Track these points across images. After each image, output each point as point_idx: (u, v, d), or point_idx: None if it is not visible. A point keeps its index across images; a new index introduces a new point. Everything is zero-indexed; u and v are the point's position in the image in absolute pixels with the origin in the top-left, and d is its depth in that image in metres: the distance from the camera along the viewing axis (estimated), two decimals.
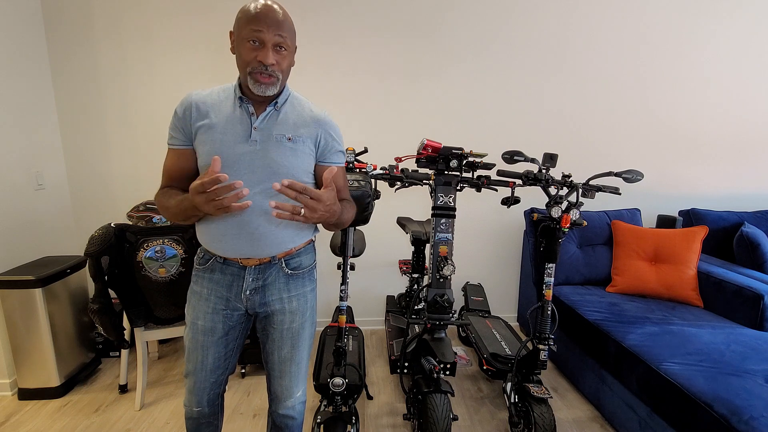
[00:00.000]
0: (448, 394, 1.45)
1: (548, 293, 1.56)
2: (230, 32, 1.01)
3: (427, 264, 2.25)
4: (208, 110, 1.01)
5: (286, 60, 0.99)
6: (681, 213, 2.59)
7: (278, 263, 1.10)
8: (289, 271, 1.12)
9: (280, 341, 1.14)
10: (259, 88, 0.97)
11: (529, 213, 2.37)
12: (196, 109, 1.01)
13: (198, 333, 1.11)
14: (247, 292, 1.09)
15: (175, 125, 1.03)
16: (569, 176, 1.54)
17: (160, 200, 1.04)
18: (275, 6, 0.95)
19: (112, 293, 1.77)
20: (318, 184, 1.12)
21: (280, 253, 1.09)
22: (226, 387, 1.25)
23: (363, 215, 1.36)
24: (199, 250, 1.15)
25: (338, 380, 1.46)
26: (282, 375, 1.16)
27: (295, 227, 1.10)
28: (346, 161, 1.51)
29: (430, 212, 1.54)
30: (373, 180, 1.52)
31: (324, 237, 2.53)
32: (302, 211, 0.88)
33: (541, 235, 1.58)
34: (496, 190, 1.60)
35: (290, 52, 1.00)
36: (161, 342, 2.43)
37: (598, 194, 1.57)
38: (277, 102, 1.03)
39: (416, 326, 2.12)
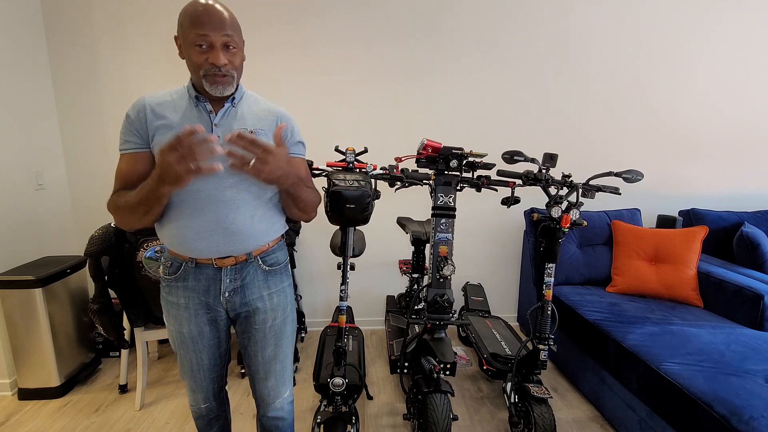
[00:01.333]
0: (448, 394, 1.45)
1: (548, 293, 1.56)
2: (175, 37, 0.99)
3: (427, 264, 2.25)
4: (164, 110, 0.99)
5: (238, 57, 0.98)
6: (681, 213, 2.58)
7: (255, 261, 1.09)
8: (267, 268, 1.11)
9: (263, 341, 1.13)
10: (216, 89, 0.96)
11: (529, 213, 2.37)
12: (152, 111, 0.98)
13: (186, 340, 1.10)
14: (226, 294, 1.07)
15: (128, 129, 0.98)
16: (569, 176, 1.54)
17: (114, 202, 0.96)
18: (216, 6, 0.93)
19: (112, 293, 1.77)
20: None
21: (255, 250, 1.08)
22: (227, 380, 1.25)
23: (363, 215, 1.36)
24: (164, 260, 1.10)
25: (338, 380, 1.46)
26: (267, 376, 1.15)
27: (269, 219, 1.08)
28: (346, 161, 1.51)
29: (430, 212, 1.54)
30: (373, 180, 1.51)
31: (324, 237, 2.54)
32: (252, 161, 0.86)
33: (541, 235, 1.58)
34: (496, 190, 1.60)
35: (240, 49, 0.99)
36: (161, 342, 2.42)
37: (598, 194, 1.57)
38: (234, 98, 1.03)
39: (416, 326, 2.12)
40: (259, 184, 1.02)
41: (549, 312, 1.56)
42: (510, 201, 1.54)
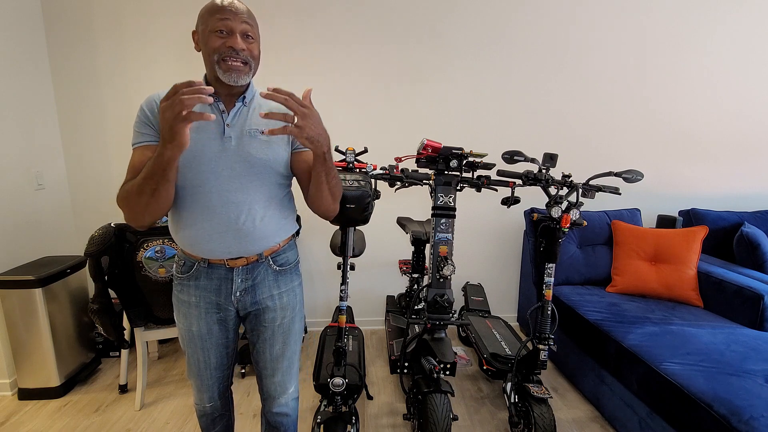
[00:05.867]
0: (448, 394, 1.45)
1: (548, 293, 1.56)
2: (193, 32, 1.00)
3: (427, 264, 2.25)
4: None
5: (255, 47, 0.98)
6: (681, 213, 2.58)
7: (266, 261, 1.10)
8: (277, 268, 1.12)
9: (272, 339, 1.14)
10: (230, 76, 0.94)
11: (529, 213, 2.37)
12: None
13: (195, 338, 1.11)
14: (237, 294, 1.09)
15: (141, 122, 0.97)
16: (569, 176, 1.54)
17: (123, 190, 0.93)
18: (237, 1, 0.96)
19: (112, 293, 1.77)
20: (296, 175, 1.11)
21: (266, 251, 1.09)
22: (232, 380, 1.26)
23: (363, 215, 1.36)
24: (177, 258, 1.12)
25: (338, 380, 1.46)
26: (274, 372, 1.17)
27: (278, 220, 1.08)
28: (346, 161, 1.51)
29: (430, 212, 1.54)
30: (373, 180, 1.51)
31: (324, 237, 2.54)
32: (295, 119, 0.85)
33: (541, 235, 1.58)
34: (496, 190, 1.60)
35: (257, 42, 1.00)
36: (161, 342, 2.43)
37: (598, 194, 1.57)
38: (245, 97, 1.03)
39: (416, 326, 2.12)
40: (270, 183, 1.03)
41: (549, 312, 1.56)
42: (510, 201, 1.54)
